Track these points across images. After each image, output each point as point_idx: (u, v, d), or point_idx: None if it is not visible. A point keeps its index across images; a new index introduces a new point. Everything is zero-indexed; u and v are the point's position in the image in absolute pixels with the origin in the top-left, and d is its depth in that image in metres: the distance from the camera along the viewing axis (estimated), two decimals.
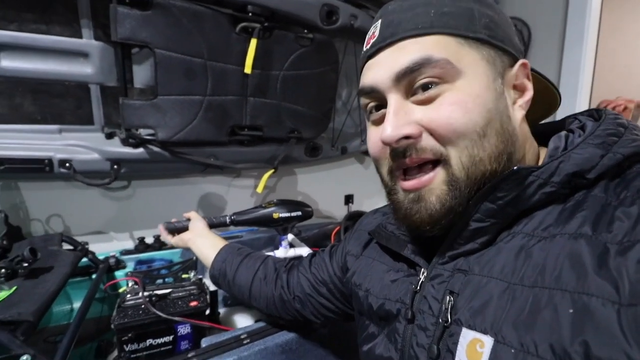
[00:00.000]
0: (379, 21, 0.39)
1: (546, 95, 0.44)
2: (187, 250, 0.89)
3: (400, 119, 0.36)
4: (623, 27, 2.08)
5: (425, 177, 0.36)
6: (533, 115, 0.45)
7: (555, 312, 0.27)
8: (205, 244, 0.76)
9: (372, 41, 0.39)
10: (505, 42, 0.37)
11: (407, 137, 0.35)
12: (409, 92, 0.36)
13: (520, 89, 0.38)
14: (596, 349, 0.24)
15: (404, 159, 0.37)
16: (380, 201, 0.50)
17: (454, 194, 0.35)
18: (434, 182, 0.36)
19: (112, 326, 0.65)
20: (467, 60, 0.35)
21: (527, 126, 0.41)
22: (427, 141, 0.35)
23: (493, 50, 0.36)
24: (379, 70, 0.37)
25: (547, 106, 0.45)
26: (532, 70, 0.40)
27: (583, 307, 0.26)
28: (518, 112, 0.38)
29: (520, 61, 0.38)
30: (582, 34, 1.35)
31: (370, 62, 0.39)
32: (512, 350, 0.29)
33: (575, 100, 1.35)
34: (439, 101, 0.35)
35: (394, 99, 0.37)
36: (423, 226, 0.37)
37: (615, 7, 2.01)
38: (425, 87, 0.35)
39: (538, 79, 0.41)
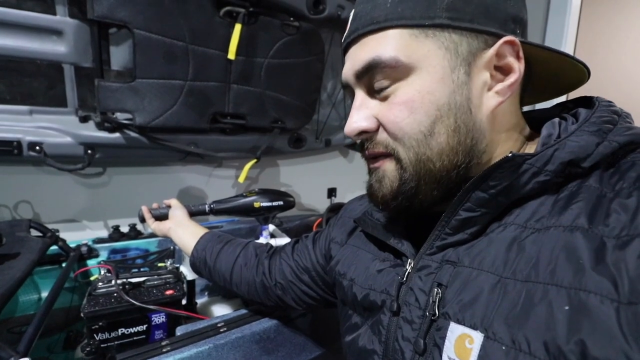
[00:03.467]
0: (352, 11, 0.39)
1: (568, 69, 0.38)
2: (165, 239, 0.87)
3: (360, 113, 0.38)
4: (601, 28, 2.15)
5: (381, 161, 0.39)
6: (552, 91, 0.43)
7: (549, 308, 0.26)
8: (185, 232, 0.74)
9: (345, 34, 0.40)
10: (478, 20, 0.33)
11: (365, 132, 0.38)
12: (372, 88, 0.38)
13: (505, 71, 0.35)
14: (593, 348, 0.23)
15: (364, 150, 0.40)
16: None
17: (400, 183, 0.37)
18: (387, 167, 0.38)
19: (82, 314, 0.62)
20: (420, 53, 0.34)
21: (516, 110, 0.38)
22: (382, 136, 0.38)
23: (457, 34, 0.33)
24: (347, 67, 0.39)
25: (570, 81, 0.40)
26: (539, 46, 0.35)
27: (580, 304, 0.25)
28: (492, 99, 0.35)
29: (503, 39, 0.33)
30: (561, 32, 1.38)
31: (345, 55, 0.40)
32: (503, 347, 0.27)
33: (552, 100, 1.39)
34: (391, 99, 0.36)
35: (359, 95, 0.39)
36: (377, 204, 0.41)
37: (595, 7, 2.08)
38: (381, 84, 0.36)
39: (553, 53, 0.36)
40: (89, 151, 0.92)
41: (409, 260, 0.39)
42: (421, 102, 0.34)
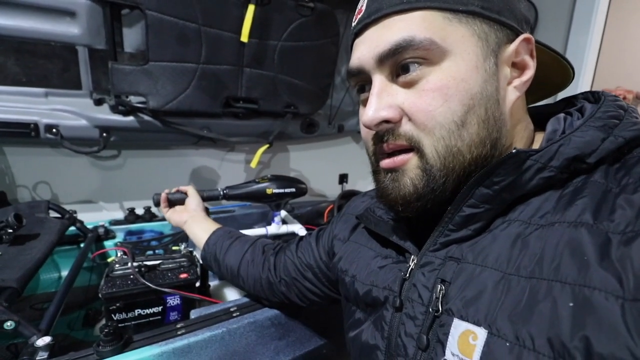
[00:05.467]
0: None
1: (556, 70, 0.40)
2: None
3: (382, 101, 0.35)
4: (629, 18, 2.04)
5: (399, 158, 0.36)
6: (541, 91, 0.43)
7: (554, 304, 0.26)
8: (199, 228, 0.76)
9: (358, 17, 0.37)
10: (504, 13, 0.33)
11: (387, 121, 0.35)
12: (394, 72, 0.35)
13: (520, 67, 0.35)
14: (598, 345, 0.23)
15: (382, 144, 0.37)
16: None
17: (428, 180, 0.34)
18: (408, 165, 0.35)
19: (100, 295, 0.64)
20: (454, 38, 0.32)
21: (524, 106, 0.38)
22: (406, 127, 0.35)
23: (487, 24, 0.33)
24: (364, 50, 0.36)
25: (556, 83, 0.42)
26: (540, 43, 0.36)
27: (584, 300, 0.25)
28: (512, 94, 0.35)
29: (522, 36, 0.34)
30: (589, 20, 1.32)
31: (357, 40, 0.37)
32: (507, 344, 0.27)
33: (576, 86, 1.33)
34: (421, 85, 0.33)
35: (378, 80, 0.35)
36: (396, 206, 0.37)
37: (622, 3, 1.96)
38: (409, 67, 0.33)
39: (547, 52, 0.38)
40: (104, 134, 0.93)
41: (412, 256, 0.38)
42: (456, 89, 0.32)
